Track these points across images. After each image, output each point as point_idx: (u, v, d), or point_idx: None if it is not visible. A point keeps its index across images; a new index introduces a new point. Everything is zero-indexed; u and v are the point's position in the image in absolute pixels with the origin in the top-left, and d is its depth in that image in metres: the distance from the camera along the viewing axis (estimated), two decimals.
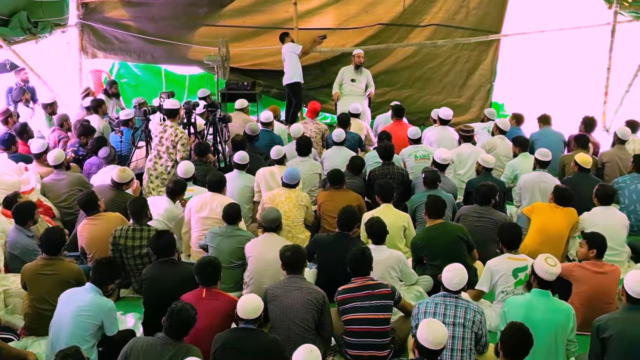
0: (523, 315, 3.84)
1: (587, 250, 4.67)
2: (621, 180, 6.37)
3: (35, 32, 8.84)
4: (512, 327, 3.52)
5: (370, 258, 4.37)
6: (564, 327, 3.97)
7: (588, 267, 4.64)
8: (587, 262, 4.67)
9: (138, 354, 3.65)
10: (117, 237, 5.04)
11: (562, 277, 4.63)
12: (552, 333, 3.93)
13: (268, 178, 6.35)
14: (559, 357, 3.97)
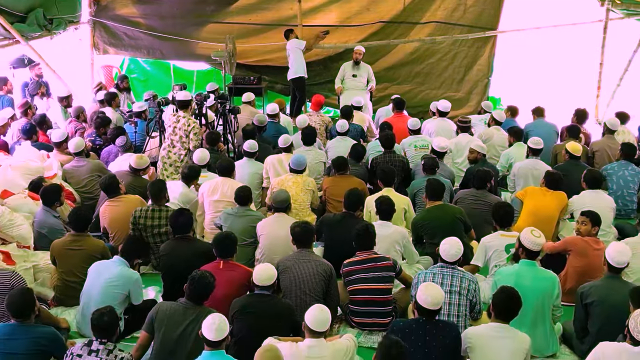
0: (513, 283, 4.19)
1: (590, 227, 5.00)
2: (609, 167, 6.74)
3: (50, 28, 9.20)
4: (503, 291, 3.90)
5: (373, 234, 4.75)
6: (550, 293, 4.34)
7: (590, 242, 4.99)
8: (590, 237, 5.02)
9: (163, 317, 4.02)
10: (137, 217, 5.41)
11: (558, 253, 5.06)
12: (539, 299, 4.31)
13: (276, 165, 6.72)
14: (545, 321, 4.35)
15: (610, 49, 9.72)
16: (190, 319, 3.95)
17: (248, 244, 5.48)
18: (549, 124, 8.10)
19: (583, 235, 5.04)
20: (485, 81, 10.35)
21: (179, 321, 3.97)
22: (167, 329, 3.97)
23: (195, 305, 4.02)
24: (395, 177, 6.11)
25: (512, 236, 4.97)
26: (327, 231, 5.52)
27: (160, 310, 4.07)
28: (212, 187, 6.04)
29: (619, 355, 3.56)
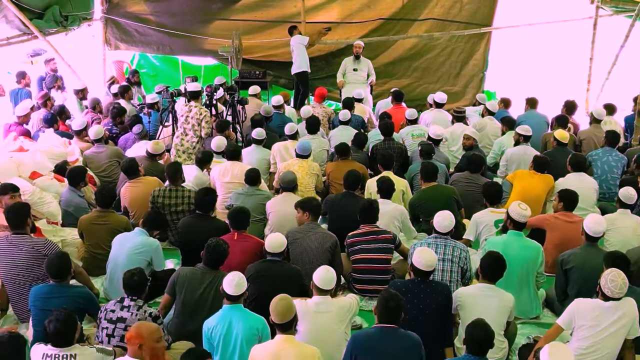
0: (500, 251, 4.61)
1: (556, 202, 5.50)
2: (594, 153, 7.19)
3: (65, 25, 9.66)
4: (490, 255, 4.36)
5: (376, 209, 5.21)
6: (534, 261, 4.81)
7: (560, 217, 5.46)
8: (559, 213, 5.49)
9: (184, 280, 4.47)
10: (156, 197, 5.87)
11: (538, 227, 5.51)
12: (525, 266, 4.77)
13: (282, 151, 7.18)
14: (530, 286, 4.82)
15: (600, 44, 10.19)
16: (207, 282, 4.40)
17: (258, 221, 5.93)
18: (540, 115, 8.55)
19: (554, 212, 5.51)
20: (480, 75, 10.82)
21: (198, 284, 4.42)
22: (187, 290, 4.42)
23: (212, 270, 4.47)
24: (394, 161, 6.58)
25: (501, 212, 5.42)
26: (330, 209, 5.98)
27: (180, 274, 4.53)
28: (223, 170, 6.50)
29: (592, 310, 4.02)
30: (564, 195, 5.49)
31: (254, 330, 3.89)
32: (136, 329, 3.58)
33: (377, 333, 3.73)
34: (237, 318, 3.92)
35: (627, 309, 4.00)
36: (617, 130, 8.02)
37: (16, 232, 4.68)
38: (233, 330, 3.89)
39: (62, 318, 3.62)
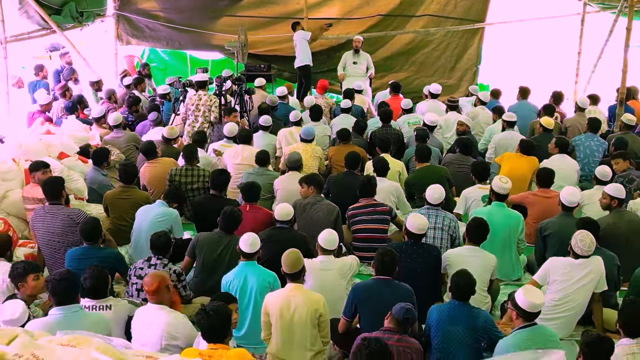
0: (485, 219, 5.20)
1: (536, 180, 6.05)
2: (577, 138, 7.73)
3: (81, 20, 10.21)
4: (474, 220, 4.92)
5: (375, 184, 5.76)
6: (515, 228, 5.36)
7: (539, 194, 6.02)
8: (538, 190, 6.05)
9: (203, 243, 5.03)
10: (173, 175, 6.41)
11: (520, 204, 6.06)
12: (507, 233, 5.33)
13: (288, 136, 7.72)
14: (512, 250, 5.38)
15: (587, 39, 10.74)
16: (224, 244, 4.97)
17: (267, 199, 6.47)
18: (530, 105, 9.10)
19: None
20: (474, 69, 11.38)
21: (216, 246, 4.98)
22: (206, 252, 4.98)
23: (227, 234, 5.02)
24: (391, 145, 7.13)
25: (488, 188, 5.96)
26: (333, 187, 6.51)
27: (199, 238, 5.08)
28: (234, 152, 7.05)
29: (564, 266, 4.57)
30: (539, 174, 6.07)
31: (266, 283, 4.44)
32: (150, 275, 4.08)
33: (375, 283, 4.28)
34: (252, 273, 4.47)
35: (595, 266, 4.55)
36: (601, 118, 8.59)
37: (52, 203, 5.22)
38: (248, 284, 4.44)
39: (95, 274, 4.13)
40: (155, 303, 3.99)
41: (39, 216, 5.21)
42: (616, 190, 5.47)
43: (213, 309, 3.32)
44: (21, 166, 6.02)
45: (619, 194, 5.44)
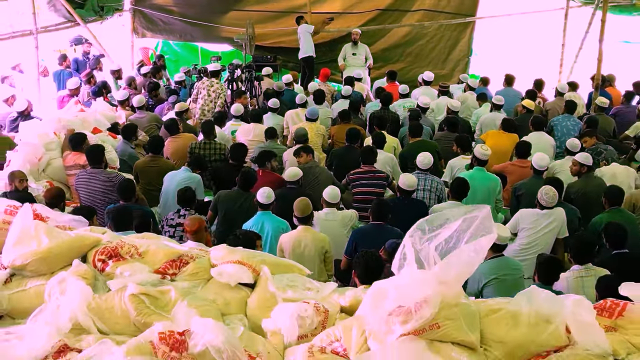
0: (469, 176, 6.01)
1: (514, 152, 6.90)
2: (555, 119, 8.55)
3: (102, 14, 11.05)
4: (457, 178, 5.77)
5: (376, 152, 6.58)
6: (494, 189, 6.19)
7: (516, 163, 6.85)
8: (516, 160, 6.88)
9: (224, 199, 5.86)
10: (193, 148, 7.24)
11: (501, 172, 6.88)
12: (486, 193, 6.15)
13: (294, 117, 8.55)
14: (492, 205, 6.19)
15: (571, 32, 11.56)
16: (243, 199, 5.79)
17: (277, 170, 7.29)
18: (516, 91, 9.92)
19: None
20: (465, 60, 12.23)
21: (235, 201, 5.81)
22: (227, 206, 5.81)
23: (245, 192, 5.86)
24: (387, 123, 7.96)
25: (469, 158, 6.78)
26: (335, 159, 7.33)
27: (221, 195, 5.92)
28: (246, 130, 7.89)
29: (531, 216, 5.40)
30: (517, 146, 6.93)
31: (280, 229, 5.27)
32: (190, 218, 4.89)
33: (371, 227, 5.13)
34: (268, 221, 5.31)
35: (557, 216, 5.38)
36: (579, 103, 9.43)
37: (94, 167, 6.05)
38: (265, 229, 5.27)
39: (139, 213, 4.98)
40: (195, 242, 4.82)
41: (83, 178, 6.04)
42: (584, 158, 6.29)
43: (242, 233, 4.15)
44: (61, 138, 6.84)
45: (587, 162, 6.26)
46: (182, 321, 2.53)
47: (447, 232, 2.36)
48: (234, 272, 2.91)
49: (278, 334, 2.65)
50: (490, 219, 2.44)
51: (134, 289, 2.70)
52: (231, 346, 2.40)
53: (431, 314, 2.26)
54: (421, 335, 2.28)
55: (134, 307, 2.67)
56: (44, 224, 3.02)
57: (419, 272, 2.30)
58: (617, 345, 2.39)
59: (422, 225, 2.43)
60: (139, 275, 2.83)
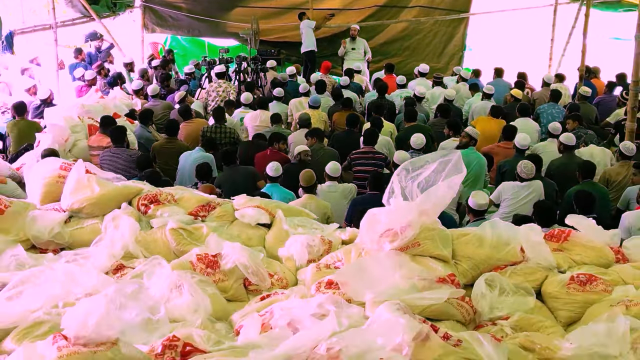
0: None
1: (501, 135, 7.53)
2: (541, 107, 9.17)
3: (115, 10, 11.68)
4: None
5: (376, 135, 7.18)
6: (483, 166, 6.80)
7: (502, 145, 7.46)
8: (502, 142, 7.50)
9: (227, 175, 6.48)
10: (205, 132, 7.84)
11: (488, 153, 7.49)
12: (476, 169, 6.75)
13: (298, 105, 9.17)
14: (480, 183, 6.80)
15: (559, 27, 12.17)
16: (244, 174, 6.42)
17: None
18: (505, 82, 10.55)
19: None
20: (460, 54, 12.86)
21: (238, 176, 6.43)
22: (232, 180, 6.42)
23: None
24: (384, 110, 8.58)
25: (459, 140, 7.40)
26: (336, 142, 7.94)
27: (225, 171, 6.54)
28: (254, 116, 8.51)
29: (512, 187, 6.02)
30: (503, 129, 7.51)
31: (287, 199, 5.85)
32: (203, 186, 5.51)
33: (369, 196, 5.75)
34: (276, 191, 5.92)
35: (536, 188, 5.99)
36: (565, 93, 10.06)
37: (117, 146, 6.67)
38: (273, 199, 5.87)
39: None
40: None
41: (107, 157, 6.65)
42: (566, 138, 6.91)
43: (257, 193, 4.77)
44: (85, 122, 7.45)
45: (569, 141, 6.88)
46: (214, 247, 3.14)
47: (427, 172, 2.97)
48: (254, 214, 3.53)
49: (291, 259, 3.27)
50: (460, 161, 3.05)
51: (173, 224, 3.32)
52: (255, 264, 3.02)
53: (413, 235, 2.88)
54: (405, 251, 2.89)
55: (174, 239, 3.29)
56: (94, 176, 3.64)
57: (404, 203, 2.91)
58: (561, 261, 3.02)
59: (407, 166, 3.04)
60: (176, 216, 3.45)
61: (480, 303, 2.72)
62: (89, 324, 1.89)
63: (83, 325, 1.88)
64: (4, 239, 3.23)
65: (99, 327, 1.89)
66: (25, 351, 1.97)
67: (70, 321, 1.92)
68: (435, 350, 2.08)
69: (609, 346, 2.35)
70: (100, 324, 1.90)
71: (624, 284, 2.84)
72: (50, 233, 3.34)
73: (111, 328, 1.93)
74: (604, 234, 3.19)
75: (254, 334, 2.33)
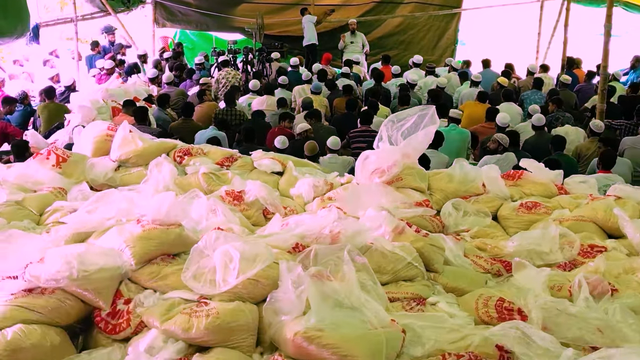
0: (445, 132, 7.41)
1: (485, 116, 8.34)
2: (525, 94, 9.97)
3: (128, 5, 12.47)
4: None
5: (372, 115, 7.97)
6: (465, 140, 7.61)
7: (485, 125, 8.26)
8: (485, 123, 8.30)
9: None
10: (217, 114, 8.64)
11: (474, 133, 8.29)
12: (459, 143, 7.55)
13: (301, 91, 9.97)
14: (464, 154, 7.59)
15: (546, 22, 12.97)
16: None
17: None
18: (493, 72, 11.34)
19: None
20: (452, 47, 13.66)
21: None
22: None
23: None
24: (380, 95, 9.38)
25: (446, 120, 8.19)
26: (336, 124, 8.74)
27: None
28: (261, 101, 9.31)
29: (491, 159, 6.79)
30: (487, 111, 8.31)
31: None
32: None
33: None
34: None
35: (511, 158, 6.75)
36: (549, 82, 10.86)
37: (140, 124, 7.45)
38: None
39: None
40: None
41: None
42: (537, 119, 7.70)
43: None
44: (109, 104, 8.25)
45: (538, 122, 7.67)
46: (238, 186, 3.93)
47: (408, 123, 3.76)
48: (269, 163, 4.33)
49: (300, 196, 4.05)
50: (435, 115, 3.84)
51: (205, 170, 4.11)
52: (271, 197, 3.82)
53: (397, 171, 3.66)
54: (391, 184, 3.67)
55: (205, 181, 4.07)
56: (137, 134, 4.43)
57: (390, 147, 3.70)
58: (514, 192, 3.80)
59: (393, 118, 3.83)
60: (206, 165, 4.24)
61: (447, 220, 3.51)
62: (162, 211, 2.67)
63: (158, 211, 2.66)
64: (69, 181, 4.02)
65: (168, 213, 2.67)
66: (118, 229, 2.74)
67: (149, 209, 2.70)
68: (409, 237, 2.87)
69: (542, 245, 3.14)
70: (169, 211, 2.68)
71: (562, 209, 3.63)
72: (105, 177, 4.13)
73: (177, 215, 2.72)
74: (549, 173, 3.99)
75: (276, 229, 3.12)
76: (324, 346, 2.15)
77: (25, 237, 2.71)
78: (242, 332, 2.29)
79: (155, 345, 2.25)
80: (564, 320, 2.43)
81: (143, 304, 2.42)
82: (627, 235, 3.26)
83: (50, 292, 2.37)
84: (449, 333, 2.34)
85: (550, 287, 2.72)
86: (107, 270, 2.44)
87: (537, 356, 2.21)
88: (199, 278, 2.45)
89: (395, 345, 2.25)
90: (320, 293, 2.32)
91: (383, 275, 2.67)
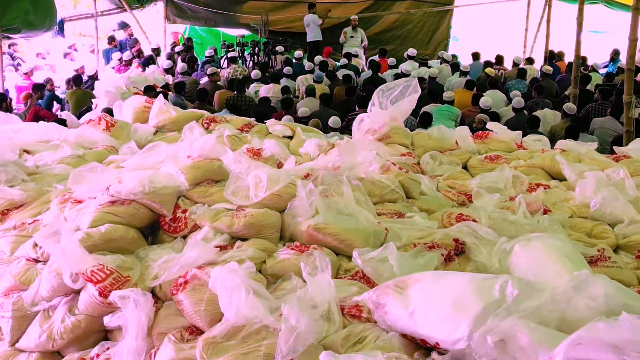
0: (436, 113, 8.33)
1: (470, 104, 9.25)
2: (510, 83, 10.87)
3: (142, 2, 13.37)
4: (423, 112, 8.05)
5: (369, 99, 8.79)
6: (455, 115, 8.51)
7: (471, 109, 9.15)
8: (472, 107, 9.20)
9: None
10: (229, 100, 9.54)
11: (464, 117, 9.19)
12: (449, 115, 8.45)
13: (304, 81, 10.85)
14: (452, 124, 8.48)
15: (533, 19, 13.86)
16: None
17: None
18: (481, 64, 12.24)
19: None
20: (445, 42, 14.56)
21: None
22: None
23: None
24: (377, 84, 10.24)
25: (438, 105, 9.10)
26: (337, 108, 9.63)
27: None
28: (268, 89, 10.21)
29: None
30: (473, 97, 9.22)
31: None
32: None
33: None
34: None
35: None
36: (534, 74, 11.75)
37: None
38: None
39: None
40: None
41: None
42: (517, 102, 8.61)
43: None
44: (131, 90, 9.13)
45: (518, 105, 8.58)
46: (257, 145, 4.81)
47: (396, 92, 4.64)
48: (281, 129, 5.22)
49: (308, 155, 4.93)
50: (417, 85, 4.72)
51: (229, 132, 5.00)
52: (285, 153, 4.70)
53: (386, 131, 4.55)
54: (381, 141, 4.56)
55: (230, 142, 4.95)
56: (171, 105, 5.33)
57: (381, 111, 4.59)
58: (481, 148, 4.71)
59: (383, 88, 4.71)
60: (229, 130, 5.13)
61: (426, 167, 4.40)
62: (207, 148, 3.55)
63: (204, 148, 3.55)
64: (118, 142, 4.92)
65: (211, 151, 3.56)
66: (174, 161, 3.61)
67: (196, 146, 3.59)
68: (393, 173, 3.76)
69: (498, 183, 4.02)
70: (212, 149, 3.57)
71: (519, 160, 4.53)
72: (147, 139, 5.02)
73: (218, 153, 3.60)
74: (511, 134, 4.90)
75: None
76: (329, 234, 3.03)
77: (103, 168, 3.61)
78: (270, 228, 3.17)
79: (208, 237, 3.12)
80: (506, 226, 3.30)
81: (196, 213, 3.29)
82: (566, 176, 4.15)
83: (128, 204, 3.23)
84: (419, 232, 3.21)
85: (500, 208, 3.60)
86: (169, 188, 3.31)
87: (482, 245, 3.08)
88: (237, 194, 3.32)
89: (380, 238, 3.12)
90: (326, 204, 3.20)
91: (372, 198, 3.54)
